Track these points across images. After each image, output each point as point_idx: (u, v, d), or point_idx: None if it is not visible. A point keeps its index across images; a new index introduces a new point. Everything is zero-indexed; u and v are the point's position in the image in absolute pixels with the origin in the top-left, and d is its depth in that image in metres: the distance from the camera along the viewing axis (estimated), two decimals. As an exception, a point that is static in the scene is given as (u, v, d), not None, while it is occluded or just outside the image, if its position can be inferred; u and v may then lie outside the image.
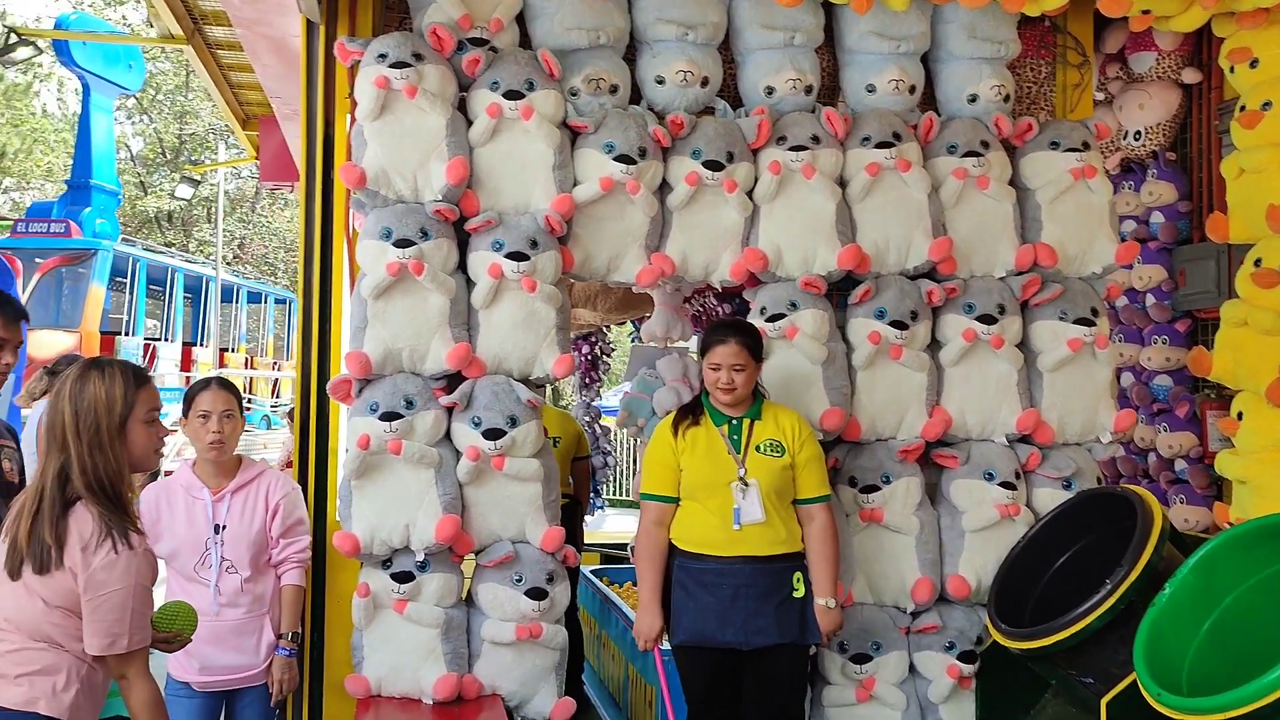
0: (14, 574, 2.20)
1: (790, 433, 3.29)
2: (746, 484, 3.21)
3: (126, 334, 17.02)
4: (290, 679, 3.18)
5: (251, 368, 21.45)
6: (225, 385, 3.24)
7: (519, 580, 3.36)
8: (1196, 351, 3.84)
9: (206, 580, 3.09)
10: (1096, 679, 3.00)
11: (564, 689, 3.49)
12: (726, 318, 4.04)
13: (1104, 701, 2.83)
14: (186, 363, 18.52)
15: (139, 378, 2.32)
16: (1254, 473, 3.58)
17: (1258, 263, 3.61)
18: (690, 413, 3.35)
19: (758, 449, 3.26)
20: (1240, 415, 3.66)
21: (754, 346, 3.29)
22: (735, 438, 3.27)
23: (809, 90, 3.72)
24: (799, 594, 3.23)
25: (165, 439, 2.41)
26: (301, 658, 3.37)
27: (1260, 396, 3.61)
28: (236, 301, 22.24)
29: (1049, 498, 3.65)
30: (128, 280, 17.28)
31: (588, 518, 6.14)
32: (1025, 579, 3.48)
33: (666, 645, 3.90)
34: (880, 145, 3.63)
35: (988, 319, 3.63)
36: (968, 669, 3.57)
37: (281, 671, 3.16)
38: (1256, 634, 2.58)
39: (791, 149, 3.60)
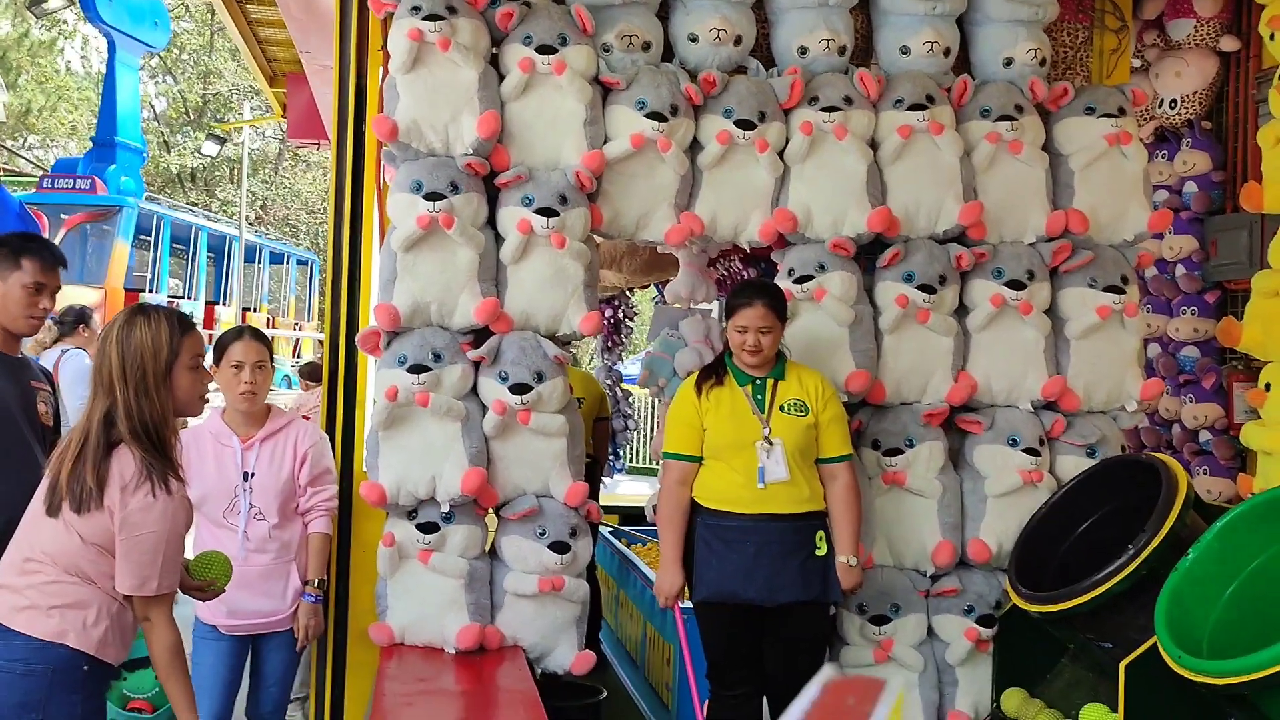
0: (53, 511, 2.24)
1: (814, 392, 3.30)
2: (771, 443, 3.22)
3: (150, 291, 17.13)
4: (316, 625, 3.23)
5: (273, 328, 21.57)
6: (258, 335, 3.28)
7: (542, 534, 3.39)
8: (1225, 322, 3.81)
9: (235, 526, 3.14)
10: (1115, 643, 3.02)
11: (584, 643, 3.52)
12: (751, 280, 4.03)
13: (1123, 664, 2.84)
14: (209, 321, 18.65)
15: (184, 324, 2.35)
16: (1280, 444, 3.56)
17: (1292, 233, 3.58)
18: (713, 373, 3.36)
19: (782, 408, 3.27)
20: (1268, 386, 3.63)
21: (780, 308, 3.31)
22: (759, 397, 3.29)
23: (842, 51, 3.69)
24: (821, 552, 3.25)
25: (209, 384, 2.44)
26: (327, 605, 3.42)
27: (1290, 368, 3.58)
28: (259, 262, 22.34)
29: (1073, 465, 3.64)
30: (152, 238, 17.37)
31: (605, 480, 6.16)
32: (1046, 544, 3.49)
33: (686, 604, 3.94)
34: (913, 108, 3.60)
35: (1016, 285, 3.61)
36: (986, 632, 3.58)
37: (307, 617, 3.20)
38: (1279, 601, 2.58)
39: (824, 110, 3.57)
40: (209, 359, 3.22)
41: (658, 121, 3.46)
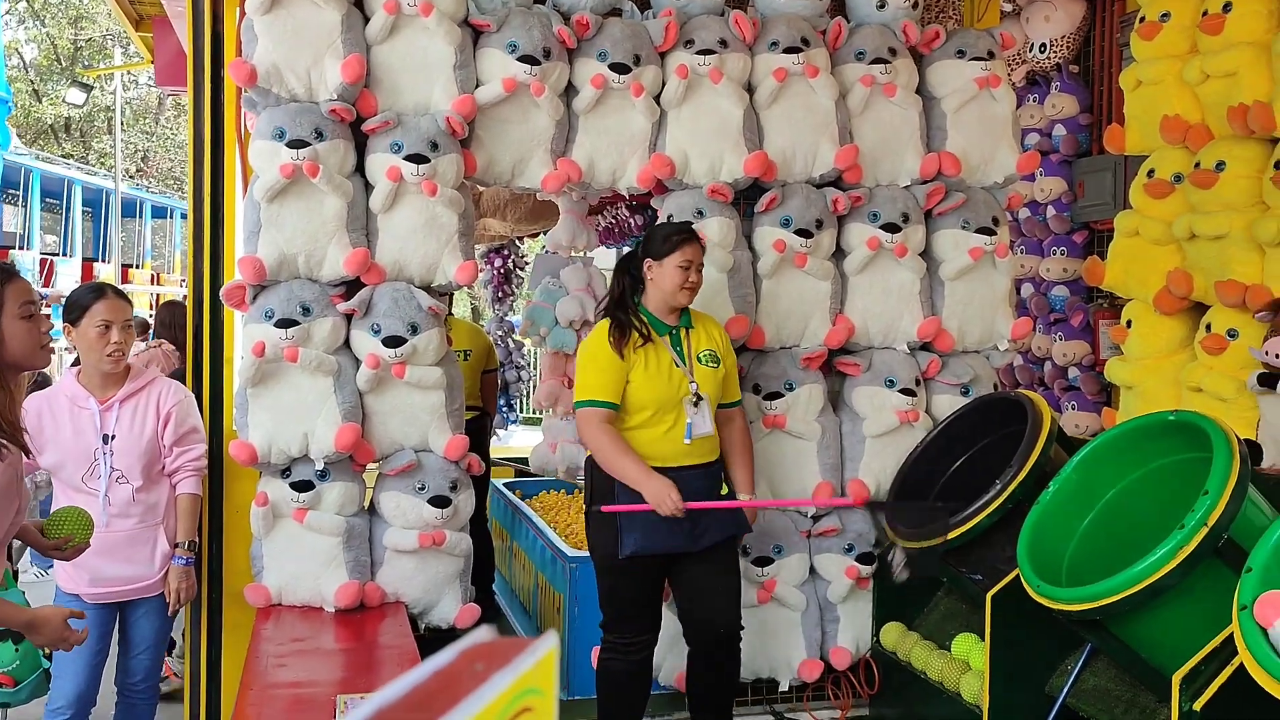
0: None
1: (720, 341, 3.28)
2: (699, 398, 3.15)
3: (22, 248, 16.33)
4: (188, 588, 3.13)
5: (158, 284, 20.80)
6: (121, 294, 3.14)
7: (422, 488, 3.34)
8: (1090, 261, 3.93)
9: (95, 490, 3.02)
10: (985, 575, 3.11)
11: (469, 596, 3.50)
12: (669, 222, 3.78)
13: (989, 595, 2.93)
14: (87, 278, 17.87)
15: (2, 273, 2.20)
16: (1140, 378, 3.70)
17: (1151, 173, 3.69)
18: (634, 327, 3.16)
19: (699, 360, 3.19)
20: (1130, 323, 3.76)
21: None
22: (679, 349, 3.19)
23: (718, -7, 3.66)
24: (725, 492, 3.26)
25: (49, 330, 2.30)
26: (200, 567, 3.32)
27: (1149, 305, 3.71)
28: (140, 216, 21.46)
29: (947, 404, 3.73)
30: (21, 192, 16.52)
31: (499, 431, 6.10)
32: (923, 482, 3.57)
33: (577, 553, 3.94)
34: (788, 50, 3.60)
35: (891, 227, 3.66)
36: (866, 570, 3.67)
37: (178, 580, 3.10)
38: (1131, 529, 2.68)
39: (699, 52, 3.54)
40: (63, 318, 3.09)
41: (530, 65, 3.38)
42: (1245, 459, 2.39)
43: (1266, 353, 3.22)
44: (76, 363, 3.17)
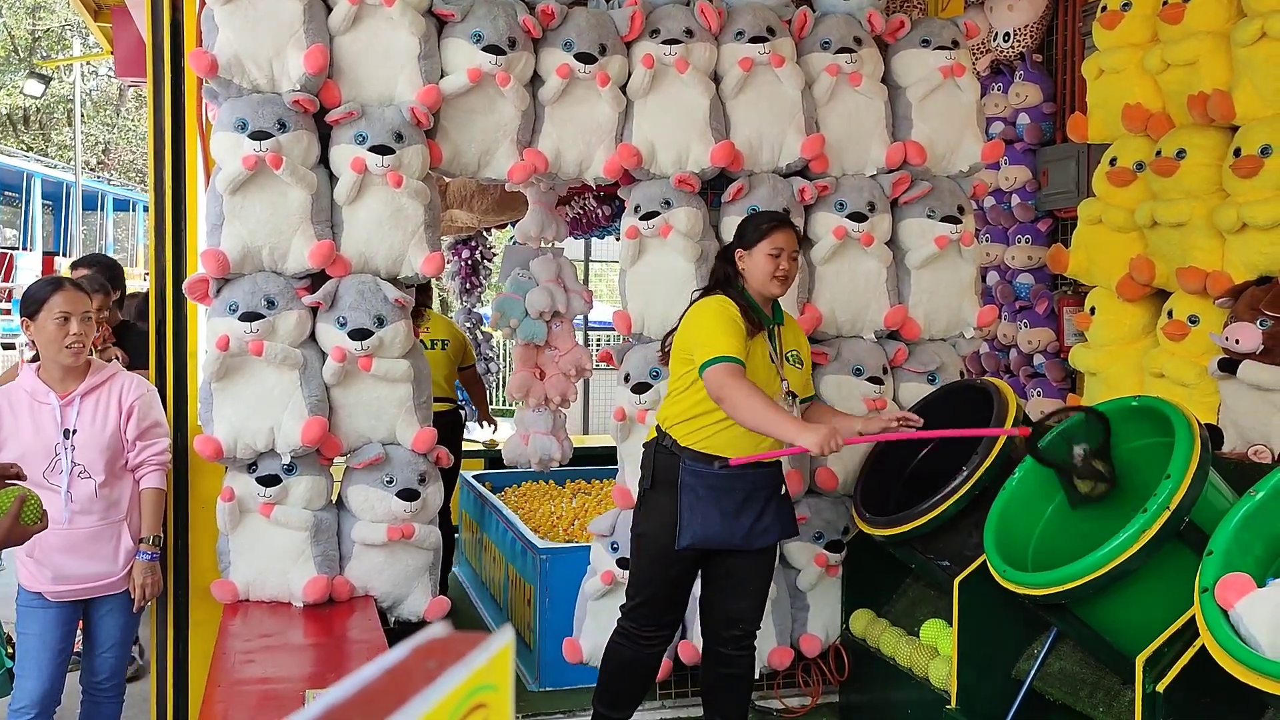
0: None
1: (803, 341, 3.24)
2: (793, 398, 3.08)
3: (-20, 243, 16.07)
4: (153, 583, 3.10)
5: (121, 278, 20.51)
6: (79, 286, 3.09)
7: (390, 482, 3.32)
8: (1055, 249, 3.96)
9: (57, 486, 2.97)
10: (952, 561, 3.14)
11: (438, 589, 3.49)
12: (763, 211, 3.66)
13: (956, 581, 2.96)
14: (48, 273, 17.60)
15: None
16: (1103, 365, 3.74)
17: (1113, 162, 3.72)
18: (750, 316, 3.02)
19: (787, 359, 3.12)
20: (1093, 310, 3.79)
21: None
22: (773, 344, 3.11)
23: (683, -18, 3.65)
24: (784, 491, 3.22)
25: None
26: (165, 563, 3.29)
27: (1112, 292, 3.75)
28: (102, 209, 21.16)
29: (914, 391, 3.75)
30: (-21, 186, 16.26)
31: (483, 424, 5.99)
32: (890, 471, 3.59)
33: (547, 544, 3.92)
34: (754, 40, 3.60)
35: (858, 217, 3.67)
36: (835, 558, 3.69)
37: (143, 575, 3.07)
38: (1095, 514, 2.71)
39: (665, 42, 3.54)
40: (20, 312, 3.05)
41: (495, 55, 3.36)
42: (1206, 443, 2.42)
43: (1226, 338, 3.26)
44: (35, 358, 3.12)
